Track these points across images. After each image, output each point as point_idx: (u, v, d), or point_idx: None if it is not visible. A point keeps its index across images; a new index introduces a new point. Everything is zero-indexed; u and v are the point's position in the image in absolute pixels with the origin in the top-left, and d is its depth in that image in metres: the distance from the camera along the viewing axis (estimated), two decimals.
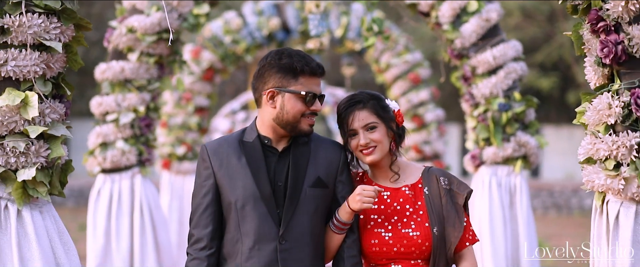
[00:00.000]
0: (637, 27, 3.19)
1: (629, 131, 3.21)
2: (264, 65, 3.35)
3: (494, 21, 5.72)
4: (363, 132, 3.42)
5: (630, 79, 3.23)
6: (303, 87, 3.31)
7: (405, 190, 3.45)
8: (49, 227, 3.38)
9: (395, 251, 3.39)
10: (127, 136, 5.68)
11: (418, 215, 3.40)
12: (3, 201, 3.31)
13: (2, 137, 3.28)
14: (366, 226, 3.45)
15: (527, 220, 5.65)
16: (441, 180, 3.44)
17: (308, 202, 3.35)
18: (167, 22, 5.43)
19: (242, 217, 3.32)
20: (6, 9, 3.29)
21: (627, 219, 3.23)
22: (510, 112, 5.69)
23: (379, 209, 3.45)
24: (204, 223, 3.35)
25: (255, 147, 3.37)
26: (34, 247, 3.26)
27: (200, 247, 3.34)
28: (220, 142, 3.43)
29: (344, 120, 3.48)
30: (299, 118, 3.33)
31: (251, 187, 3.32)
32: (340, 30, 8.74)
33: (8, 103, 3.24)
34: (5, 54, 3.27)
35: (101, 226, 5.63)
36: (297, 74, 3.30)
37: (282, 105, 3.31)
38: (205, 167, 3.38)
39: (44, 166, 3.35)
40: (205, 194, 3.36)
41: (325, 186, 3.39)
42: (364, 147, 3.42)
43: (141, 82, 5.69)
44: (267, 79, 3.33)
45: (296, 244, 3.33)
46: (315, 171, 3.38)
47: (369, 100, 3.48)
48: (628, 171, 3.20)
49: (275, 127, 3.36)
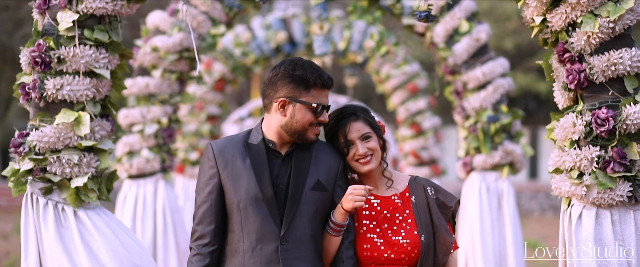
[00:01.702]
0: (597, 57, 3.73)
1: (590, 146, 3.74)
2: (277, 74, 3.40)
3: (483, 41, 6.31)
4: (360, 142, 3.50)
5: (592, 101, 3.78)
6: (314, 99, 3.39)
7: (394, 199, 3.55)
8: (107, 221, 3.93)
9: (386, 257, 3.47)
10: (151, 145, 6.26)
11: (407, 223, 3.49)
12: (60, 205, 3.89)
13: (59, 151, 3.86)
14: (359, 231, 3.51)
15: (513, 221, 6.23)
16: (428, 189, 3.55)
17: (308, 205, 3.42)
18: (188, 42, 6.03)
19: (245, 217, 3.38)
20: (62, 42, 3.87)
21: (589, 220, 3.78)
22: (498, 124, 6.29)
23: (370, 215, 3.53)
24: (208, 220, 3.41)
25: (260, 150, 3.43)
26: (98, 240, 3.82)
27: (204, 243, 3.41)
28: (226, 143, 3.47)
29: (338, 132, 3.54)
30: (307, 127, 3.41)
31: (254, 189, 3.38)
32: (343, 43, 9.25)
33: (64, 121, 3.82)
34: (61, 79, 3.85)
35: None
36: (309, 86, 3.37)
37: (293, 114, 3.38)
38: (210, 166, 3.43)
39: (94, 175, 3.92)
40: (210, 192, 3.42)
41: (325, 190, 3.46)
42: (362, 157, 3.50)
43: (164, 96, 6.27)
44: (280, 88, 3.39)
45: (297, 245, 3.39)
46: (316, 175, 3.45)
47: (361, 112, 3.59)
48: (589, 179, 3.74)
49: (282, 133, 3.43)
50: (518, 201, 19.86)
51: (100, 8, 3.84)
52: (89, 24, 3.87)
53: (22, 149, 3.87)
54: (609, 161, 3.70)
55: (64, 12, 3.85)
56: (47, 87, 3.84)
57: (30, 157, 3.85)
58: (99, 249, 3.82)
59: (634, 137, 3.72)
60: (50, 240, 3.83)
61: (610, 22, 3.66)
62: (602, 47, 3.71)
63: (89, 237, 3.85)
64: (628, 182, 3.71)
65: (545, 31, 3.86)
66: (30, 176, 3.89)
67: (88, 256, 3.80)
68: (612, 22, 3.66)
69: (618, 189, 3.70)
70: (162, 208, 6.20)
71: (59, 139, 3.84)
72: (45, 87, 3.84)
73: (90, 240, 3.84)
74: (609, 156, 3.71)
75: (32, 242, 3.88)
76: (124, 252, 3.85)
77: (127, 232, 3.99)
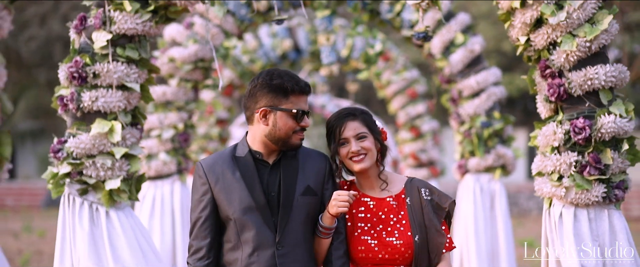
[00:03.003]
0: (575, 73, 4.15)
1: (569, 152, 4.16)
2: (256, 85, 3.46)
3: (477, 52, 6.77)
4: (354, 140, 3.57)
5: (570, 112, 4.20)
6: (294, 106, 3.45)
7: (389, 200, 3.62)
8: (131, 224, 4.39)
9: (380, 258, 3.53)
10: (168, 149, 6.73)
11: (401, 224, 3.56)
12: (94, 205, 4.35)
13: (94, 156, 4.32)
14: (354, 233, 3.58)
15: (505, 220, 6.69)
16: (423, 191, 3.62)
17: (300, 210, 3.49)
18: (203, 53, 6.48)
19: (241, 227, 3.46)
20: (97, 59, 4.33)
21: (568, 218, 4.20)
22: (491, 129, 6.76)
23: (365, 217, 3.60)
24: (203, 235, 3.48)
25: (248, 162, 3.49)
26: (121, 239, 4.28)
27: (199, 257, 3.48)
28: (215, 159, 3.55)
29: (335, 130, 3.62)
30: (290, 134, 3.47)
31: (247, 199, 3.45)
32: (346, 51, 9.67)
33: (99, 131, 4.27)
34: (96, 92, 4.30)
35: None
36: (288, 93, 3.43)
37: (275, 122, 3.44)
38: (202, 183, 3.50)
39: (125, 177, 4.37)
40: (203, 208, 3.49)
41: (314, 194, 3.53)
42: (355, 154, 3.56)
43: (180, 103, 6.74)
44: (259, 98, 3.45)
45: (292, 249, 3.47)
46: (305, 181, 3.51)
47: (360, 113, 3.66)
48: (568, 181, 4.16)
49: (267, 142, 3.49)
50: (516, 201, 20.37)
51: (131, 28, 4.29)
52: (121, 43, 4.33)
53: (61, 155, 4.33)
54: (586, 165, 4.12)
55: (98, 32, 4.30)
56: (83, 99, 4.29)
57: (68, 162, 4.30)
58: (122, 248, 4.25)
59: (608, 144, 4.13)
60: (84, 237, 4.27)
61: (587, 41, 4.07)
62: (579, 64, 4.13)
63: (115, 236, 4.29)
64: (603, 184, 4.13)
65: (529, 49, 4.29)
66: (68, 179, 4.34)
67: (112, 254, 4.24)
68: (588, 42, 4.07)
69: (594, 191, 4.12)
70: (180, 207, 6.64)
71: (94, 145, 4.29)
72: (82, 99, 4.30)
73: (115, 239, 4.28)
74: (585, 161, 4.12)
75: (68, 239, 4.33)
76: (140, 254, 4.27)
77: (145, 236, 4.41)
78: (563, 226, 4.24)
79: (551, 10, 4.08)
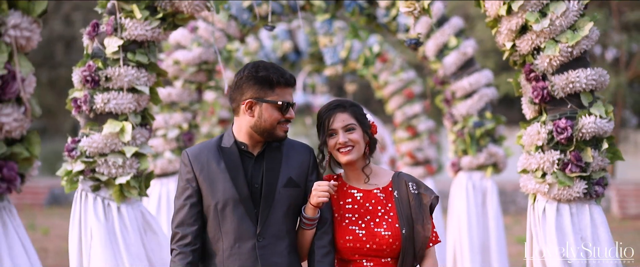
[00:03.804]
0: (558, 76, 4.40)
1: (552, 150, 4.40)
2: (242, 77, 3.48)
3: (470, 55, 7.05)
4: (342, 132, 3.58)
5: (553, 113, 4.44)
6: (279, 98, 3.47)
7: (376, 192, 3.64)
8: (138, 218, 4.65)
9: (368, 248, 3.54)
10: (173, 148, 7.00)
11: (389, 216, 3.58)
12: (106, 200, 4.62)
13: (106, 154, 4.59)
14: (341, 223, 3.59)
15: (496, 215, 6.97)
16: (410, 185, 3.65)
17: (282, 201, 3.50)
18: (206, 56, 6.75)
19: (222, 217, 3.46)
20: (108, 63, 4.60)
21: (551, 212, 4.44)
22: (483, 129, 7.04)
23: (352, 208, 3.62)
24: (189, 222, 3.49)
25: (233, 152, 3.51)
26: (131, 233, 4.55)
27: (185, 243, 3.48)
28: (200, 148, 3.57)
29: (324, 121, 3.62)
30: (275, 125, 3.49)
31: (230, 190, 3.46)
32: (345, 52, 9.92)
33: (110, 131, 4.54)
34: (108, 95, 4.57)
35: None
36: (273, 85, 3.45)
37: (260, 114, 3.46)
38: (187, 171, 3.52)
39: (135, 175, 4.65)
40: (189, 196, 3.51)
41: (297, 186, 3.54)
42: (343, 146, 3.58)
43: (184, 104, 7.01)
44: (245, 90, 3.47)
45: (273, 241, 3.48)
46: (288, 172, 3.53)
47: (350, 105, 3.67)
48: (551, 178, 4.40)
49: (252, 133, 3.51)
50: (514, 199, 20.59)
51: (140, 35, 4.56)
52: (131, 48, 4.60)
53: (74, 153, 4.60)
54: (568, 163, 4.36)
55: (110, 38, 4.57)
56: (96, 101, 4.57)
57: (81, 160, 4.57)
58: (131, 244, 4.51)
59: (589, 143, 4.38)
60: (96, 231, 4.54)
61: (569, 47, 4.31)
62: (562, 68, 4.37)
63: (124, 231, 4.56)
64: (584, 181, 4.37)
65: (514, 54, 4.55)
66: (81, 176, 4.61)
67: (125, 247, 4.50)
68: (570, 47, 4.31)
69: (575, 187, 4.37)
70: None
71: (106, 144, 4.56)
72: (95, 101, 4.57)
73: (125, 234, 4.55)
74: (567, 159, 4.37)
75: (82, 232, 4.60)
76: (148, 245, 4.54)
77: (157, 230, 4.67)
78: (546, 220, 4.47)
79: (535, 17, 4.32)
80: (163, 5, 4.57)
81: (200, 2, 4.53)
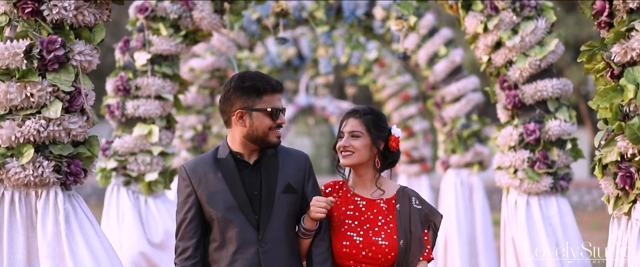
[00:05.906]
0: (527, 86, 5.01)
1: (522, 150, 5.03)
2: (229, 89, 3.47)
3: (458, 63, 7.76)
4: (347, 136, 3.60)
5: (524, 118, 5.06)
6: (268, 105, 3.45)
7: (380, 203, 3.64)
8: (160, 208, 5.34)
9: (363, 255, 3.54)
10: (189, 148, 7.69)
11: (388, 227, 3.58)
12: (135, 193, 5.31)
13: (136, 154, 5.28)
14: (340, 229, 3.59)
15: (482, 209, 7.66)
16: (413, 200, 3.64)
17: (281, 207, 3.51)
18: (219, 63, 7.44)
19: (225, 226, 3.47)
20: (138, 74, 5.29)
21: (522, 203, 5.03)
22: (470, 130, 7.74)
23: (353, 215, 3.62)
24: (188, 236, 3.50)
25: (229, 163, 3.49)
26: (158, 222, 5.25)
27: (186, 257, 3.49)
28: (197, 162, 3.55)
29: (340, 123, 3.69)
30: (267, 132, 3.46)
31: (230, 199, 3.47)
32: (345, 57, 10.54)
33: (139, 133, 5.24)
34: (138, 102, 5.27)
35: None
36: (260, 93, 3.44)
37: (251, 123, 3.43)
38: (185, 185, 3.51)
39: (161, 171, 5.34)
40: (188, 209, 3.50)
41: (295, 191, 3.55)
42: (343, 149, 3.61)
43: (199, 107, 7.71)
44: (234, 102, 3.45)
45: (275, 246, 3.50)
46: (286, 179, 3.53)
47: (366, 114, 3.66)
48: (522, 174, 5.01)
49: (246, 143, 3.48)
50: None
51: (166, 50, 5.26)
52: (158, 61, 5.29)
53: (108, 152, 5.30)
54: (536, 161, 4.99)
55: (140, 52, 5.27)
56: (127, 107, 5.27)
57: (114, 158, 5.27)
58: (157, 231, 5.21)
59: (555, 144, 5.01)
60: (128, 219, 5.24)
61: (537, 60, 4.95)
62: (531, 78, 4.99)
63: (151, 220, 5.26)
64: (550, 176, 5.00)
65: (490, 66, 5.19)
66: (114, 172, 5.31)
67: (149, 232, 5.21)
68: (538, 61, 4.95)
69: (543, 182, 4.98)
70: None
71: (136, 145, 5.26)
72: (126, 107, 5.27)
73: (151, 222, 5.25)
74: (536, 157, 5.00)
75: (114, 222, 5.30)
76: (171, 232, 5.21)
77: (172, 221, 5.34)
78: (517, 210, 5.09)
79: (508, 35, 4.97)
80: (185, 24, 5.25)
81: (217, 21, 5.22)
